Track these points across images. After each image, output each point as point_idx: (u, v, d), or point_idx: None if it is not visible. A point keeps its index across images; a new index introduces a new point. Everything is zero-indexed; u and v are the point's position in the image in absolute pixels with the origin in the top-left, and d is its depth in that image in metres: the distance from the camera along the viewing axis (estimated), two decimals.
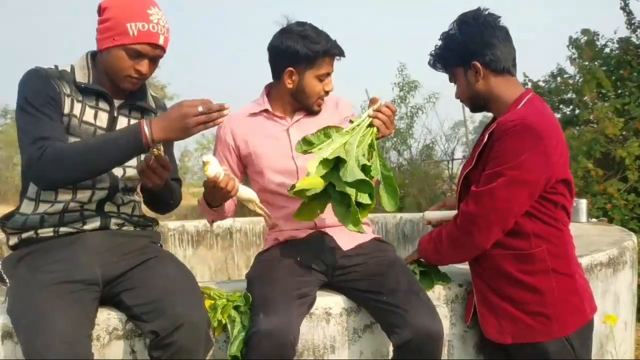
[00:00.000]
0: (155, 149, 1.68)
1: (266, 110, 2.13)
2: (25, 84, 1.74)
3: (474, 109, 1.96)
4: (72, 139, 1.75)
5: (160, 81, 13.72)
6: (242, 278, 5.00)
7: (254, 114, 2.15)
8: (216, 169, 1.77)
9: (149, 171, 1.74)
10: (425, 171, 9.32)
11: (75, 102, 1.78)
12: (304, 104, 2.10)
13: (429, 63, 1.95)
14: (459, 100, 1.95)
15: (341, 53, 2.06)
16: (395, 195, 1.80)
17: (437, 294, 1.98)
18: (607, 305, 2.47)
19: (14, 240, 1.84)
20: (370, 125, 1.83)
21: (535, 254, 1.76)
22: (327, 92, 2.09)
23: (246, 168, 2.16)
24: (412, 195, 8.05)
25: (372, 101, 1.89)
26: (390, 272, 1.89)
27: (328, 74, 2.06)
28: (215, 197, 1.88)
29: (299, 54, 2.00)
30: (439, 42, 1.89)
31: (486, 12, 1.84)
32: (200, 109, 1.57)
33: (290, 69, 2.04)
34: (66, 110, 1.75)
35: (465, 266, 2.30)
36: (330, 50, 2.02)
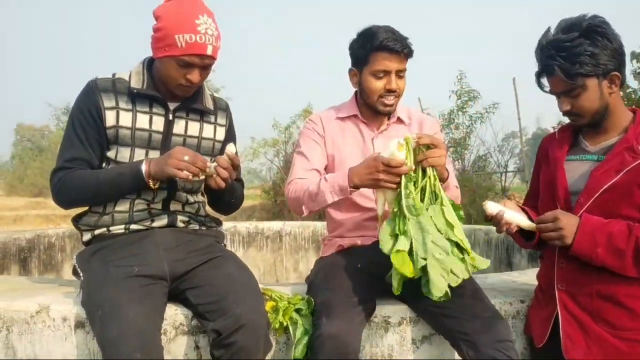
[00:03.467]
0: (227, 152, 1.81)
1: (355, 116, 2.16)
2: (77, 99, 1.91)
3: (588, 124, 1.80)
4: (123, 149, 1.87)
5: (215, 84, 13.97)
6: (291, 280, 5.06)
7: (342, 118, 2.18)
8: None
9: (219, 172, 1.80)
10: (477, 182, 9.17)
11: (122, 112, 1.86)
12: (368, 104, 2.10)
13: (548, 70, 1.74)
14: (565, 114, 1.80)
15: (395, 47, 1.97)
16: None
17: (498, 309, 1.95)
18: None
19: (87, 236, 1.94)
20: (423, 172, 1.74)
21: None
22: (389, 91, 2.03)
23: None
24: (463, 206, 7.95)
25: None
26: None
27: (385, 71, 2.01)
28: (374, 178, 1.77)
29: (355, 52, 2.08)
30: (576, 47, 1.68)
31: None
32: (185, 157, 1.74)
33: (352, 68, 2.11)
34: (110, 123, 1.85)
35: (527, 281, 2.27)
36: (383, 45, 1.98)
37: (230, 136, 2.09)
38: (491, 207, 1.81)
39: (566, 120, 1.91)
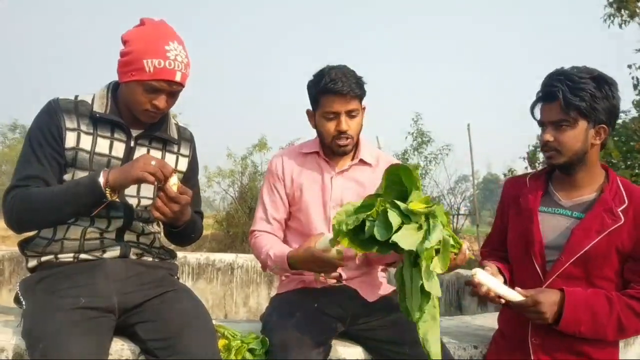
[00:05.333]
0: (169, 180, 1.70)
1: (317, 153, 2.15)
2: (36, 117, 1.83)
3: (563, 164, 1.79)
4: (80, 173, 1.78)
5: (172, 110, 13.79)
6: (240, 315, 4.92)
7: (305, 154, 2.16)
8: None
9: (161, 202, 1.70)
10: None
11: (82, 135, 1.80)
12: (326, 145, 2.10)
13: (551, 93, 1.76)
14: (544, 147, 1.80)
15: (339, 90, 1.96)
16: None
17: (452, 354, 1.95)
18: None
19: (33, 262, 1.84)
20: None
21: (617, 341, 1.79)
22: (339, 132, 2.02)
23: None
24: None
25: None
26: (412, 324, 1.86)
27: (334, 113, 2.00)
28: (312, 269, 1.86)
29: (309, 94, 2.10)
30: (583, 83, 1.72)
31: None
32: (153, 162, 1.66)
33: (309, 109, 2.13)
34: (70, 144, 1.78)
35: (481, 324, 2.28)
36: (327, 88, 1.98)
37: (193, 168, 2.05)
38: (483, 278, 1.72)
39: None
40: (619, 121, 6.54)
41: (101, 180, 1.67)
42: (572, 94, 1.72)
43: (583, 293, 1.71)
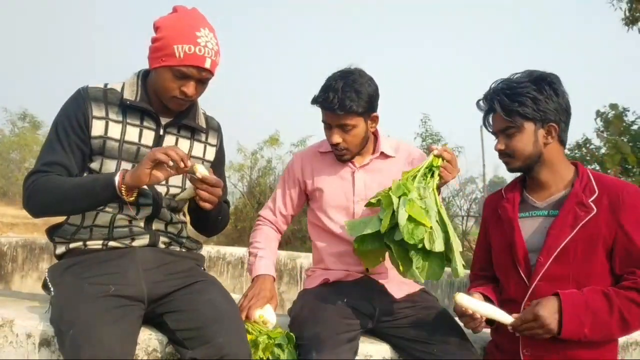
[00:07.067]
0: (194, 169, 1.71)
1: None
2: (64, 105, 1.83)
3: (521, 169, 1.83)
4: (108, 161, 1.78)
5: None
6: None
7: (325, 152, 2.16)
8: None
9: (200, 190, 1.74)
10: None
11: (111, 124, 1.79)
12: None
13: (490, 106, 1.81)
14: (499, 155, 1.83)
15: (324, 105, 1.98)
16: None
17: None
18: None
19: (61, 249, 1.84)
20: (432, 172, 1.81)
21: (615, 344, 1.74)
22: (331, 143, 2.04)
23: (309, 202, 2.19)
24: None
25: (430, 149, 1.86)
26: (440, 323, 1.86)
27: (326, 124, 2.03)
28: None
29: None
30: (521, 88, 1.75)
31: None
32: (161, 155, 1.61)
33: None
34: (97, 132, 1.77)
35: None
36: (316, 99, 2.02)
37: (220, 157, 2.04)
38: (464, 301, 1.69)
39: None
40: (635, 127, 6.49)
41: (117, 180, 1.66)
42: (510, 101, 1.75)
43: (578, 294, 1.66)
